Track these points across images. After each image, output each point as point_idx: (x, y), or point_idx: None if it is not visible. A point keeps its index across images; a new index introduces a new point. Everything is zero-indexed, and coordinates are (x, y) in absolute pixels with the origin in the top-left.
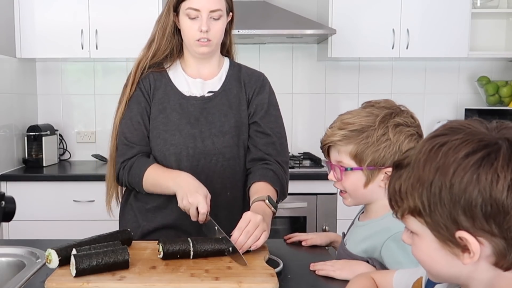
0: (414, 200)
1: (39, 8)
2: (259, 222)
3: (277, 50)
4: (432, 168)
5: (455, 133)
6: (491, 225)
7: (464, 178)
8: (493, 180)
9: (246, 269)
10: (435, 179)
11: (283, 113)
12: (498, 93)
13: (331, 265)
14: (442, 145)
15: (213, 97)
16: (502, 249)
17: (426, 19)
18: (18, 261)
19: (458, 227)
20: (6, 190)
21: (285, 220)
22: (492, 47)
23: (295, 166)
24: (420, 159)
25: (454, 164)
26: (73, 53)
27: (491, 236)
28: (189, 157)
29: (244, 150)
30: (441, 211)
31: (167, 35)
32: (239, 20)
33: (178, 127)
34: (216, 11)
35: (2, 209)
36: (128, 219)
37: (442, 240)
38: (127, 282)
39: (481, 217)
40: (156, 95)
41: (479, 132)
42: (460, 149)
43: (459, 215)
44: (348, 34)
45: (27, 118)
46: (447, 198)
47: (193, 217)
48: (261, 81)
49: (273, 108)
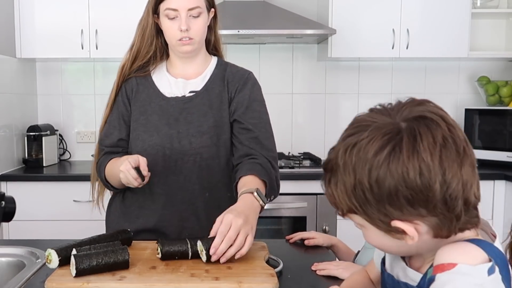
0: (347, 203)
1: (39, 8)
2: (240, 227)
3: (277, 50)
4: (351, 172)
5: (362, 130)
6: (418, 208)
7: (379, 175)
8: (404, 172)
9: (246, 269)
10: (356, 183)
11: (283, 113)
12: (498, 93)
13: (335, 265)
14: (353, 146)
15: (194, 97)
16: (436, 225)
17: (426, 19)
18: (18, 261)
19: (391, 219)
20: (6, 190)
21: (285, 220)
22: (492, 47)
23: (295, 166)
24: (339, 164)
25: (368, 165)
26: (73, 53)
27: (422, 217)
28: (165, 157)
29: (225, 150)
30: (371, 209)
31: (146, 37)
32: (239, 20)
33: (156, 128)
34: (195, 9)
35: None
36: (113, 220)
37: (384, 230)
38: (127, 282)
39: (406, 205)
40: (138, 98)
41: (383, 123)
42: (369, 148)
43: (387, 209)
44: (348, 34)
45: (27, 118)
46: (371, 197)
47: (134, 181)
48: (244, 79)
49: (256, 104)
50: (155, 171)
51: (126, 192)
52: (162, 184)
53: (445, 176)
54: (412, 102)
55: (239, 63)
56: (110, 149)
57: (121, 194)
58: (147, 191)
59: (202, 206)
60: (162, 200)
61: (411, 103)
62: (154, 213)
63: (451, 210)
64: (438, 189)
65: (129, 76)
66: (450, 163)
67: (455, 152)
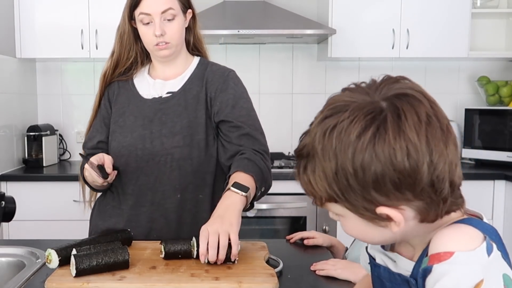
0: (326, 190)
1: (39, 8)
2: (216, 230)
3: (277, 50)
4: (332, 157)
5: (341, 111)
6: (405, 193)
7: (364, 160)
8: (391, 154)
9: (246, 269)
10: (338, 169)
11: (283, 113)
12: (498, 93)
13: (333, 265)
14: (333, 128)
15: (170, 97)
16: (423, 209)
17: (426, 19)
18: (18, 261)
19: (376, 205)
20: (6, 190)
21: (285, 220)
22: (492, 47)
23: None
24: (317, 149)
25: (351, 148)
26: (73, 53)
27: (409, 201)
28: (137, 158)
29: (198, 151)
30: (355, 196)
31: (125, 43)
32: (239, 20)
33: (131, 129)
34: (168, 11)
35: (2, 209)
36: (93, 219)
37: (367, 219)
38: (127, 282)
39: (393, 190)
40: (118, 101)
41: (364, 103)
42: (351, 130)
43: (372, 195)
44: (348, 34)
45: (27, 118)
46: (355, 183)
47: (98, 179)
48: (224, 77)
49: (243, 101)
50: (127, 172)
51: (107, 192)
52: (133, 185)
53: (432, 157)
54: (388, 79)
55: (239, 63)
56: (91, 151)
57: (103, 194)
58: (120, 191)
59: (173, 207)
60: (132, 200)
61: (387, 80)
62: (124, 213)
63: (438, 192)
64: (425, 170)
65: (112, 80)
66: (436, 142)
67: (440, 130)
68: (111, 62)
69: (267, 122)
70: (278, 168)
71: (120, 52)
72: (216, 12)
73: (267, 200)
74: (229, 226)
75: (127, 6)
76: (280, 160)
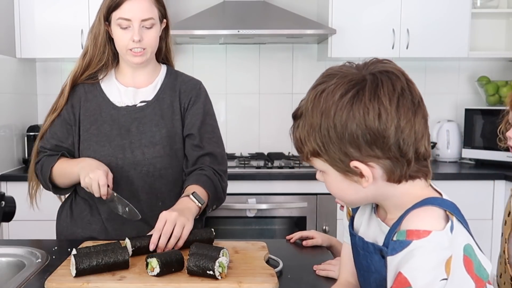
0: (311, 144)
1: (39, 8)
2: (175, 219)
3: (277, 50)
4: (318, 113)
5: (331, 78)
6: (375, 150)
7: (343, 116)
8: (365, 113)
9: (246, 269)
10: (322, 123)
11: (283, 113)
12: (498, 93)
13: (334, 265)
14: (322, 91)
15: (145, 107)
16: (389, 167)
17: (426, 19)
18: (18, 261)
19: (350, 159)
20: (6, 190)
21: (285, 220)
22: (492, 47)
23: (295, 166)
24: (308, 108)
25: (334, 106)
26: (73, 53)
27: (378, 159)
28: (118, 168)
29: (177, 160)
30: (333, 148)
31: (99, 45)
32: (239, 20)
33: (108, 138)
34: (148, 20)
35: (2, 209)
36: (64, 226)
37: (342, 172)
38: (127, 282)
39: (365, 146)
40: (87, 107)
41: (350, 73)
42: (335, 92)
43: (347, 148)
44: (348, 34)
45: (27, 118)
46: (334, 136)
47: (96, 192)
48: (197, 90)
49: (209, 118)
50: None
51: (77, 198)
52: None
53: (400, 121)
54: (377, 60)
55: (239, 63)
56: (51, 152)
57: (70, 200)
58: (97, 200)
59: (156, 215)
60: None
61: (376, 61)
62: (103, 221)
63: (403, 154)
64: (393, 132)
65: (78, 82)
66: (405, 110)
67: (410, 102)
68: (83, 63)
69: (267, 122)
70: (278, 168)
71: (93, 54)
72: (216, 12)
73: (267, 200)
74: (186, 220)
75: (104, 7)
76: (280, 160)
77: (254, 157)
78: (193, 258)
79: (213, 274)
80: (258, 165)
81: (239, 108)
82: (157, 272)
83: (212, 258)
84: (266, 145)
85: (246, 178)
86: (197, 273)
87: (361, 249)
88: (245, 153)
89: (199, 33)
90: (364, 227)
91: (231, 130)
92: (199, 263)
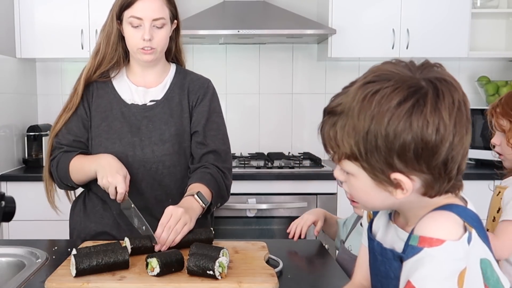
0: (351, 147)
1: (39, 8)
2: (180, 215)
3: (277, 50)
4: (367, 117)
5: (385, 80)
6: (422, 164)
7: (398, 126)
8: (424, 125)
9: (246, 269)
10: (371, 128)
11: (283, 113)
12: (498, 93)
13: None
14: (374, 93)
15: (155, 105)
16: (430, 183)
17: (426, 19)
18: (18, 261)
19: (392, 170)
20: (6, 190)
21: (285, 220)
22: (492, 47)
23: (295, 166)
24: (354, 108)
25: (388, 113)
26: (73, 53)
27: (421, 173)
28: (128, 165)
29: (186, 157)
30: (377, 157)
31: (111, 43)
32: (239, 20)
33: (119, 135)
34: (159, 20)
35: (2, 209)
36: (77, 220)
37: (377, 181)
38: (127, 282)
39: (413, 159)
40: (98, 103)
41: (407, 77)
42: (392, 97)
43: (394, 160)
44: (348, 34)
45: (27, 118)
46: (383, 145)
47: (112, 195)
48: (204, 88)
49: (215, 115)
50: None
51: (90, 193)
52: None
53: (454, 138)
54: (428, 63)
55: (239, 63)
56: (68, 148)
57: (84, 195)
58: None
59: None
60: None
61: (428, 64)
62: (113, 216)
63: (447, 171)
64: (446, 149)
65: (91, 81)
66: (461, 126)
67: (465, 119)
68: (96, 61)
69: (266, 122)
70: (278, 168)
71: (106, 52)
72: (216, 12)
73: (267, 200)
74: (189, 219)
75: (116, 5)
76: (280, 160)
77: (254, 157)
78: (193, 258)
79: (213, 274)
80: (258, 165)
81: (239, 108)
82: (157, 272)
83: (212, 258)
84: (266, 145)
85: (246, 178)
86: (197, 273)
87: (379, 254)
88: (245, 153)
89: (199, 33)
90: (382, 232)
91: (231, 130)
92: (199, 263)
